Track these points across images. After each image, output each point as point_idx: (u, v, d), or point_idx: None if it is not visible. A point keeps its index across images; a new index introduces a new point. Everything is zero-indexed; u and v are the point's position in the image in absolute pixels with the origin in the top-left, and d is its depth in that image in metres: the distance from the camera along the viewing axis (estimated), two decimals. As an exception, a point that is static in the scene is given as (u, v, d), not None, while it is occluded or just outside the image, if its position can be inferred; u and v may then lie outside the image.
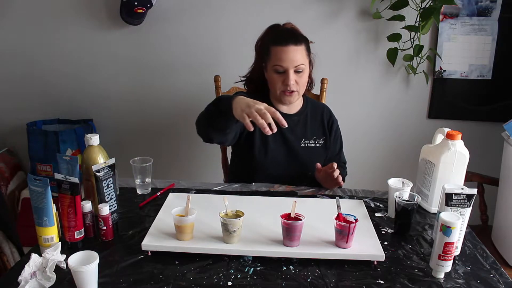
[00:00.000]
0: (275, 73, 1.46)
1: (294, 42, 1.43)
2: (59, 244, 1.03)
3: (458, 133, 1.27)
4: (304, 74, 1.47)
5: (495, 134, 2.08)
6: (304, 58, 1.45)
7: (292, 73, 1.44)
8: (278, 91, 1.48)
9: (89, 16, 2.18)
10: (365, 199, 1.41)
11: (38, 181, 1.05)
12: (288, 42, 1.42)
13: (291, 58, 1.42)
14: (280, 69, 1.44)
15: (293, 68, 1.43)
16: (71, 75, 2.29)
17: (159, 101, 2.31)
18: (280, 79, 1.46)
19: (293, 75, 1.44)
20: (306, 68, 1.47)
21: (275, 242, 1.10)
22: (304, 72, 1.46)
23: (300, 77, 1.46)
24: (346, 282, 1.00)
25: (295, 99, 1.52)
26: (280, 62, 1.43)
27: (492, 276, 1.05)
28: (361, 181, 2.10)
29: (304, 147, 1.57)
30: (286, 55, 1.42)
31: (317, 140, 1.59)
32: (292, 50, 1.42)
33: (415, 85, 2.21)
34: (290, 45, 1.42)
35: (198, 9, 2.14)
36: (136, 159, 1.41)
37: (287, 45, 1.42)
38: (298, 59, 1.43)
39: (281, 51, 1.42)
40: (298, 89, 1.47)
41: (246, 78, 1.63)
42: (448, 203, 1.07)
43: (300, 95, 1.52)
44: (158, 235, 1.13)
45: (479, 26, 2.09)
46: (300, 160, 1.56)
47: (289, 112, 1.57)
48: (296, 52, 1.42)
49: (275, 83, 1.47)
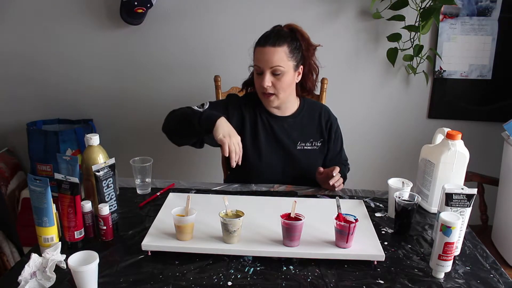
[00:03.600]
0: (256, 74, 1.45)
1: (272, 43, 1.39)
2: (59, 244, 1.03)
3: (458, 133, 1.27)
4: (283, 77, 1.42)
5: (495, 134, 2.08)
6: (283, 60, 1.40)
7: (268, 75, 1.41)
8: (259, 93, 1.48)
9: (89, 16, 2.18)
10: (365, 199, 1.41)
11: (38, 181, 1.05)
12: (267, 43, 1.40)
13: (267, 58, 1.40)
14: (258, 70, 1.43)
15: (269, 70, 1.41)
16: (71, 75, 2.29)
17: (159, 101, 2.31)
18: (259, 81, 1.44)
19: (269, 76, 1.41)
20: (287, 71, 1.42)
21: (275, 242, 1.10)
22: (283, 75, 1.41)
23: (278, 79, 1.42)
24: (346, 282, 1.00)
25: (275, 103, 1.48)
26: (257, 62, 1.42)
27: (492, 276, 1.05)
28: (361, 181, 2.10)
29: (301, 150, 1.54)
30: (262, 56, 1.40)
31: (314, 143, 1.56)
32: (269, 51, 1.39)
33: (415, 85, 2.21)
34: (268, 46, 1.40)
35: (198, 9, 2.14)
36: (136, 159, 1.41)
37: (265, 45, 1.40)
38: (274, 61, 1.39)
39: (259, 51, 1.42)
40: (275, 92, 1.44)
41: (245, 81, 1.61)
42: (448, 203, 1.07)
43: (280, 99, 1.46)
44: (158, 235, 1.13)
45: (479, 26, 2.09)
46: (297, 163, 1.54)
47: (283, 114, 1.54)
48: (273, 54, 1.39)
49: (256, 84, 1.47)
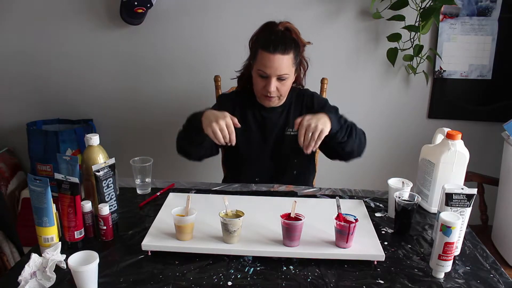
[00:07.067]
0: (258, 76, 1.45)
1: (282, 51, 1.39)
2: (59, 244, 1.03)
3: (458, 133, 1.27)
4: (287, 82, 1.45)
5: (495, 134, 2.08)
6: (289, 67, 1.42)
7: (274, 81, 1.42)
8: (259, 93, 1.49)
9: (89, 16, 2.18)
10: (365, 199, 1.41)
11: (38, 181, 1.05)
12: (276, 50, 1.39)
13: (276, 66, 1.40)
14: (263, 74, 1.43)
15: (276, 76, 1.42)
16: (71, 75, 2.29)
17: (159, 101, 2.31)
18: (262, 83, 1.45)
19: (275, 82, 1.43)
20: (291, 76, 1.45)
21: (275, 242, 1.10)
22: (287, 80, 1.45)
23: (283, 84, 1.45)
24: (346, 282, 1.00)
25: (275, 104, 1.51)
26: (264, 68, 1.41)
27: (492, 276, 1.05)
28: (361, 181, 2.10)
29: (288, 136, 1.56)
30: (271, 62, 1.40)
31: None
32: (278, 59, 1.39)
33: (415, 85, 2.21)
34: (277, 53, 1.39)
35: (198, 9, 2.14)
36: (136, 159, 1.41)
37: (275, 52, 1.39)
38: (283, 68, 1.41)
39: (267, 57, 1.40)
40: (278, 95, 1.47)
41: (239, 74, 1.63)
42: (448, 203, 1.07)
43: (280, 100, 1.51)
44: (158, 235, 1.13)
45: (479, 26, 2.09)
46: (286, 149, 1.56)
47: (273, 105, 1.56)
48: (282, 61, 1.40)
49: (257, 85, 1.48)
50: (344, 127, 1.38)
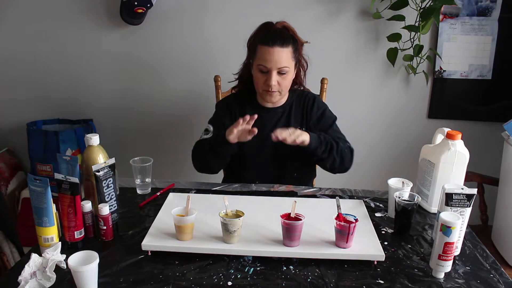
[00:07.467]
0: (259, 72, 1.47)
1: (280, 44, 1.42)
2: (59, 244, 1.03)
3: (458, 133, 1.27)
4: (287, 76, 1.47)
5: (495, 134, 2.08)
6: (289, 60, 1.45)
7: (275, 74, 1.44)
8: (260, 89, 1.50)
9: (89, 16, 2.18)
10: (365, 199, 1.41)
11: (38, 181, 1.05)
12: (275, 43, 1.42)
13: (276, 59, 1.42)
14: (264, 69, 1.45)
15: (276, 69, 1.44)
16: (71, 75, 2.29)
17: (159, 101, 2.31)
18: (263, 79, 1.47)
19: (276, 76, 1.45)
20: (291, 70, 1.47)
21: (275, 242, 1.10)
22: (287, 74, 1.46)
23: (283, 78, 1.46)
24: (346, 282, 1.00)
25: (276, 99, 1.53)
26: (264, 62, 1.43)
27: (492, 276, 1.05)
28: (361, 181, 2.10)
29: None
30: (271, 56, 1.42)
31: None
32: (278, 52, 1.42)
33: (415, 85, 2.21)
34: (276, 46, 1.42)
35: (198, 9, 2.15)
36: (136, 159, 1.41)
37: (273, 46, 1.42)
38: (282, 61, 1.43)
39: (266, 51, 1.43)
40: (280, 90, 1.48)
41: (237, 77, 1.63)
42: (448, 203, 1.07)
43: (282, 95, 1.53)
44: (158, 235, 1.13)
45: (479, 26, 2.09)
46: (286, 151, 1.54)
47: (274, 106, 1.58)
48: (281, 54, 1.42)
49: (258, 81, 1.49)
50: (323, 143, 1.46)
